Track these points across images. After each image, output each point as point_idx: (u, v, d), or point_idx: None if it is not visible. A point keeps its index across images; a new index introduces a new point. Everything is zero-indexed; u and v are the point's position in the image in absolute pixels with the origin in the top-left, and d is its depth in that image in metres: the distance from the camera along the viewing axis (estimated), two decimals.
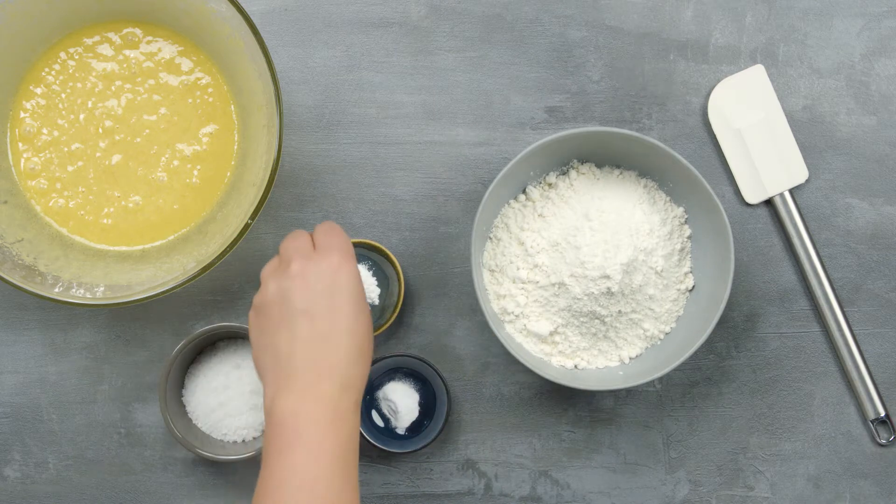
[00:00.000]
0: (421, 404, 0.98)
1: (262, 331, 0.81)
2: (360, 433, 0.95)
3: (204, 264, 0.87)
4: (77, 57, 0.94)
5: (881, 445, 0.99)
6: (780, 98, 0.98)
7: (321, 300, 0.79)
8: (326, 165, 0.98)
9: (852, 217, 0.99)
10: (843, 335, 0.98)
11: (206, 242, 0.92)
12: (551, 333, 0.93)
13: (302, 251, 0.81)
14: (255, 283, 0.98)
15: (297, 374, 0.77)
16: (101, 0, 0.92)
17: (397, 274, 0.95)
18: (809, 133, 0.99)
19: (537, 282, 0.93)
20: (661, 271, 0.92)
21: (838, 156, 0.99)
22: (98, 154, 0.94)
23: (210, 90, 0.95)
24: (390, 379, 0.98)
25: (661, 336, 0.95)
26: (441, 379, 0.95)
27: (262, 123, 0.90)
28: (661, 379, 0.99)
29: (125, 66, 0.94)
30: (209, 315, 0.99)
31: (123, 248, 0.95)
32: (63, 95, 0.94)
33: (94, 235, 0.95)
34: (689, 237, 0.95)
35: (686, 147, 0.98)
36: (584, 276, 0.90)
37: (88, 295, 0.88)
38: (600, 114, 0.98)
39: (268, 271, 0.82)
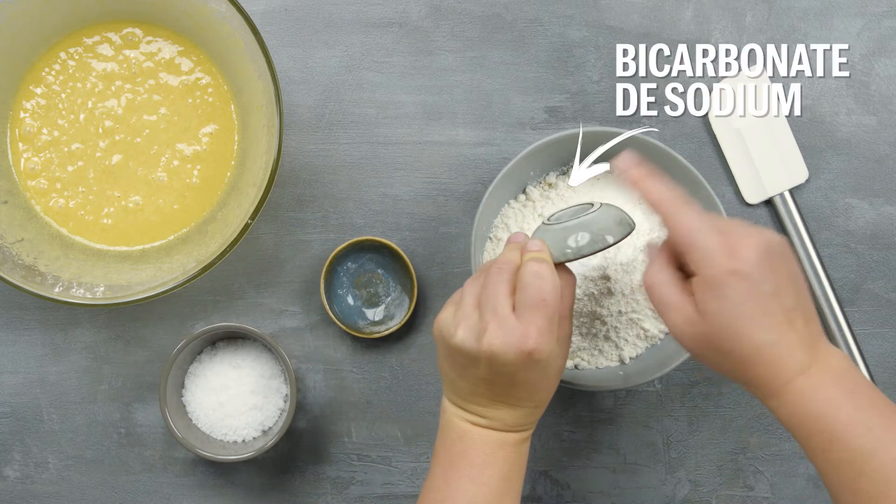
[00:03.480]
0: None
1: (455, 368, 0.78)
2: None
3: (204, 264, 0.87)
4: (77, 57, 0.94)
5: None
6: (780, 98, 0.98)
7: (504, 379, 0.76)
8: (326, 165, 0.98)
9: (852, 217, 0.99)
10: (843, 335, 0.98)
11: (206, 242, 0.92)
12: None
13: (499, 313, 0.74)
14: (256, 283, 0.98)
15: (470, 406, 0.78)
16: (101, 0, 0.92)
17: (410, 273, 0.96)
18: (809, 133, 0.99)
19: None
20: None
21: (838, 156, 0.99)
22: (98, 154, 0.94)
23: (210, 90, 0.95)
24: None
25: (661, 336, 0.95)
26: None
27: (262, 123, 0.90)
28: (661, 379, 0.99)
29: (125, 66, 0.94)
30: (209, 315, 0.98)
31: (123, 248, 0.95)
32: (63, 95, 0.94)
33: (94, 235, 0.94)
34: None
35: (686, 147, 0.98)
36: (584, 276, 0.90)
37: (88, 295, 0.88)
38: (600, 114, 0.98)
39: (465, 312, 0.76)
